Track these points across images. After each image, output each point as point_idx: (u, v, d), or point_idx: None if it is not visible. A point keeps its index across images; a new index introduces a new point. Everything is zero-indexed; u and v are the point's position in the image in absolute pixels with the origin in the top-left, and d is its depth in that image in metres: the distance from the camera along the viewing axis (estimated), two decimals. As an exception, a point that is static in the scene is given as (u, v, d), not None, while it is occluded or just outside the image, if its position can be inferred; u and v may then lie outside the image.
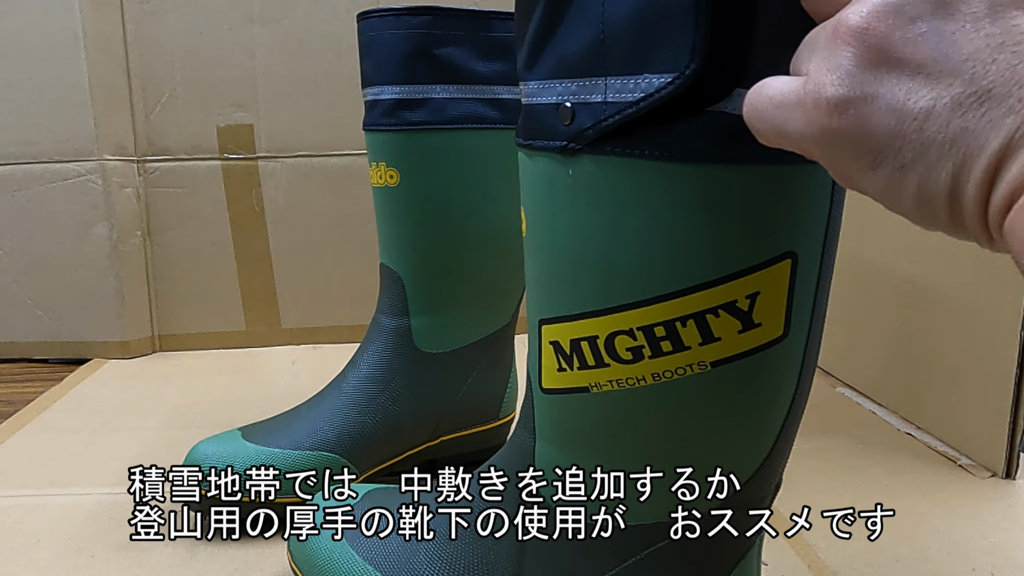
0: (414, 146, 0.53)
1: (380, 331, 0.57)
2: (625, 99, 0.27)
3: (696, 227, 0.28)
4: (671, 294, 0.29)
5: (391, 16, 0.51)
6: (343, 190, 0.94)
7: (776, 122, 0.23)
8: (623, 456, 0.33)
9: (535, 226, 0.33)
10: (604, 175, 0.29)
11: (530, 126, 0.32)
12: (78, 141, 0.90)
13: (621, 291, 0.30)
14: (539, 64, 0.30)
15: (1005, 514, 0.55)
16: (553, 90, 0.30)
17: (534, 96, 0.31)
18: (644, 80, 0.27)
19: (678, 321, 0.29)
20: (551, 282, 0.33)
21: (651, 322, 0.30)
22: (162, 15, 0.90)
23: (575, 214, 0.30)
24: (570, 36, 0.29)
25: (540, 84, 0.30)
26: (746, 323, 0.29)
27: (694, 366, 0.30)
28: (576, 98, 0.29)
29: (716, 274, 0.29)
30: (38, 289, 0.94)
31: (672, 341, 0.30)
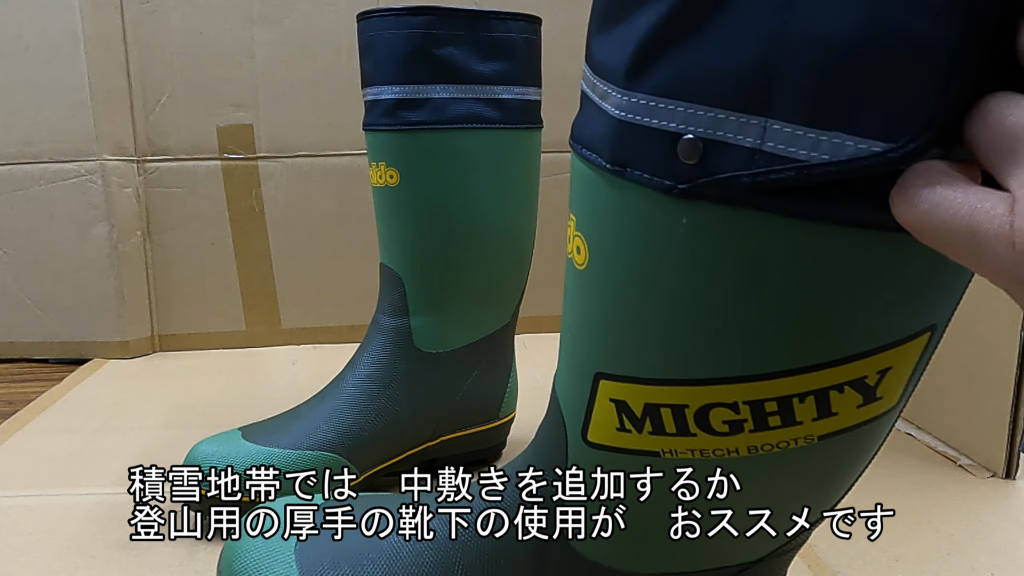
0: (414, 146, 0.53)
1: (380, 331, 0.57)
2: (797, 156, 0.21)
3: (842, 298, 0.23)
4: (796, 370, 0.25)
5: (391, 16, 0.51)
6: (343, 190, 0.94)
7: (958, 244, 0.18)
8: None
9: (606, 265, 0.27)
10: (734, 230, 0.23)
11: (622, 147, 0.25)
12: (78, 141, 0.90)
13: (734, 363, 0.25)
14: (652, 73, 0.23)
15: (1005, 514, 0.55)
16: (672, 114, 0.23)
17: (636, 114, 0.24)
18: (835, 140, 0.20)
19: (796, 397, 0.25)
20: (627, 336, 0.27)
21: (763, 397, 0.25)
22: (162, 15, 0.90)
23: (682, 269, 0.25)
24: (715, 48, 0.21)
25: (650, 101, 0.23)
26: (868, 398, 0.26)
27: (800, 440, 0.26)
28: (710, 133, 0.22)
29: (853, 350, 0.24)
30: (38, 289, 0.94)
31: (783, 416, 0.26)
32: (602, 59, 0.25)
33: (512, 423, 0.65)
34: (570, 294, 0.30)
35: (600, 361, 0.29)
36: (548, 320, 1.02)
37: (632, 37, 0.23)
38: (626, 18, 0.24)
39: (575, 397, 0.31)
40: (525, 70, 0.54)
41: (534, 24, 0.55)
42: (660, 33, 0.23)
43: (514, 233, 0.57)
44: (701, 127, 0.22)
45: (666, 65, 0.23)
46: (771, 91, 0.21)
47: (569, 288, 0.30)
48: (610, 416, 0.29)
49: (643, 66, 0.23)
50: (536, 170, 0.58)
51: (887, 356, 0.25)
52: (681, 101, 0.22)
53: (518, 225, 0.58)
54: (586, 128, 0.27)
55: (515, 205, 0.57)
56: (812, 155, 0.20)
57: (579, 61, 0.86)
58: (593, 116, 0.26)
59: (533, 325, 1.00)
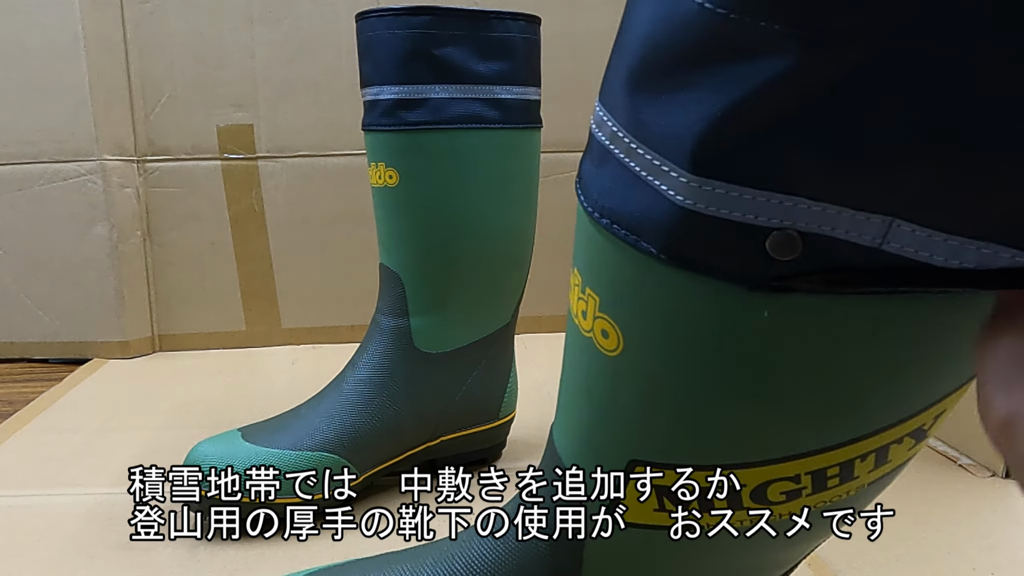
0: (413, 146, 0.53)
1: (380, 331, 0.57)
2: (930, 261, 0.18)
3: (920, 365, 0.22)
4: (865, 435, 0.23)
5: (390, 16, 0.51)
6: (343, 190, 0.94)
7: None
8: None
9: (650, 355, 0.24)
10: (824, 317, 0.21)
11: (686, 239, 0.21)
12: (78, 141, 0.90)
13: (804, 440, 0.24)
14: (739, 159, 0.19)
15: (1005, 514, 0.55)
16: (764, 207, 0.19)
17: (711, 204, 0.19)
18: (984, 251, 0.18)
19: (858, 458, 0.24)
20: (674, 424, 0.25)
21: (827, 465, 0.24)
22: (162, 15, 0.90)
23: (753, 358, 0.22)
24: (836, 133, 0.18)
25: (731, 191, 0.19)
26: (920, 439, 0.25)
27: (852, 490, 0.25)
28: (814, 228, 0.19)
29: (919, 407, 0.23)
30: (38, 289, 0.94)
31: (842, 476, 0.25)
32: (653, 127, 0.20)
33: (512, 423, 0.65)
34: (591, 374, 0.26)
35: (636, 448, 0.26)
36: (548, 320, 1.02)
37: (708, 109, 0.19)
38: (695, 82, 0.19)
39: (598, 481, 0.29)
40: (525, 70, 0.54)
41: (534, 24, 0.55)
42: (755, 110, 0.18)
43: (514, 233, 0.57)
44: (803, 222, 0.19)
45: (760, 151, 0.18)
46: (905, 187, 0.17)
47: (587, 365, 0.26)
48: (648, 500, 0.27)
49: (725, 150, 0.19)
50: (536, 170, 0.58)
51: (945, 403, 0.24)
52: (778, 193, 0.19)
53: (518, 225, 0.57)
54: (619, 200, 0.22)
55: (515, 205, 0.57)
56: (950, 261, 0.18)
57: (579, 61, 0.86)
58: (633, 190, 0.22)
59: (533, 325, 1.00)
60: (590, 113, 0.24)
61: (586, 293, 0.25)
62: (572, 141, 0.96)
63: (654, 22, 0.19)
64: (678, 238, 0.21)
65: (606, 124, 0.23)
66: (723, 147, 0.19)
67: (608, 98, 0.23)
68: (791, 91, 0.17)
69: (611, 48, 0.23)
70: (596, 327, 0.25)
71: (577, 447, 0.30)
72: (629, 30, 0.21)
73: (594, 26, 0.94)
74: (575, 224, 0.27)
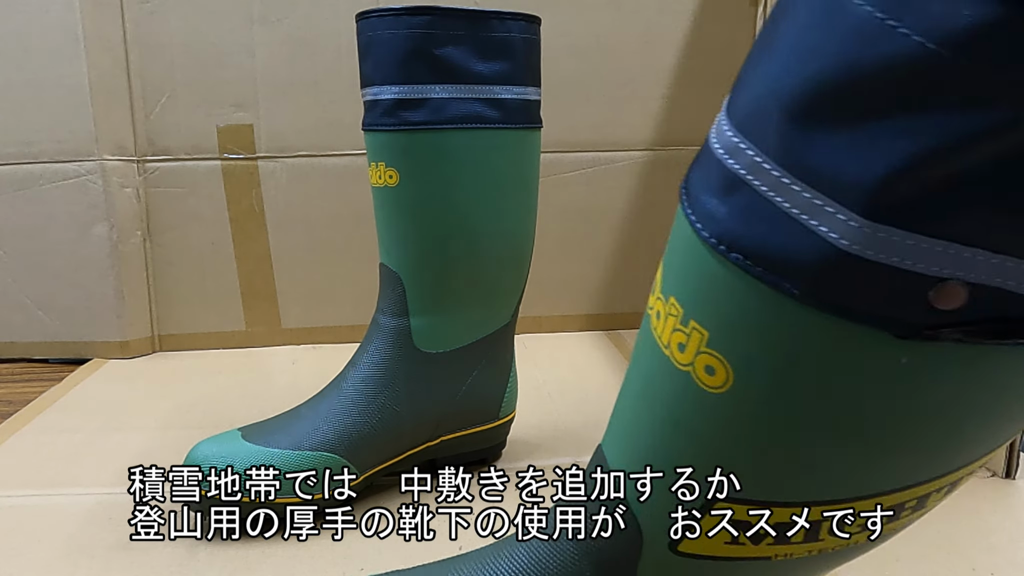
0: (414, 146, 0.53)
1: (380, 331, 0.57)
2: None
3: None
4: (955, 470, 0.24)
5: (390, 16, 0.51)
6: (343, 190, 0.94)
7: None
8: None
9: (764, 393, 0.23)
10: (965, 363, 0.21)
11: (843, 284, 0.20)
12: (78, 141, 0.90)
13: (902, 477, 0.24)
14: (926, 208, 0.18)
15: (1005, 514, 0.55)
16: (938, 257, 0.18)
17: (881, 251, 0.19)
18: None
19: (936, 491, 0.24)
20: (775, 462, 0.24)
21: (909, 498, 0.24)
22: (162, 15, 0.90)
23: (880, 402, 0.22)
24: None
25: (907, 239, 0.18)
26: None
27: (915, 519, 0.26)
28: (985, 279, 0.18)
29: (1010, 436, 0.24)
30: (38, 289, 0.94)
31: (916, 507, 0.25)
32: (821, 166, 0.19)
33: (512, 423, 0.65)
34: (683, 407, 0.25)
35: (724, 484, 0.26)
36: (548, 320, 1.02)
37: (898, 154, 0.17)
38: (888, 125, 0.18)
39: (664, 513, 0.27)
40: (525, 70, 0.54)
41: (534, 24, 0.55)
42: (953, 160, 0.17)
43: (514, 233, 0.57)
44: (975, 273, 0.18)
45: (946, 201, 0.17)
46: None
47: (678, 398, 0.25)
48: (723, 533, 0.26)
49: (909, 197, 0.18)
50: (536, 170, 0.58)
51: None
52: (955, 243, 0.18)
53: (518, 225, 0.57)
54: (755, 236, 0.21)
55: (515, 205, 0.57)
56: None
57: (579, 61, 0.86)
58: (776, 227, 0.20)
59: (533, 325, 1.00)
60: (590, 113, 0.23)
61: (689, 326, 0.24)
62: (572, 141, 0.96)
63: (839, 56, 0.18)
64: (829, 282, 0.20)
65: (742, 152, 0.21)
66: (906, 194, 0.18)
67: (749, 124, 0.21)
68: (999, 145, 0.17)
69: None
70: (699, 362, 0.24)
71: (642, 485, 0.29)
72: (789, 55, 0.20)
73: (594, 26, 0.94)
74: (669, 246, 0.25)
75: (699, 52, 0.96)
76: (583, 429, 0.71)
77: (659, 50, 0.96)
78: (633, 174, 0.98)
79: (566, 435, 0.69)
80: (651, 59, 0.96)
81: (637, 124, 0.97)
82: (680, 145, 0.98)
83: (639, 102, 0.97)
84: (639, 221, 1.00)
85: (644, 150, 0.98)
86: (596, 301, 1.02)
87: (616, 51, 0.95)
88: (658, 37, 0.95)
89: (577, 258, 1.00)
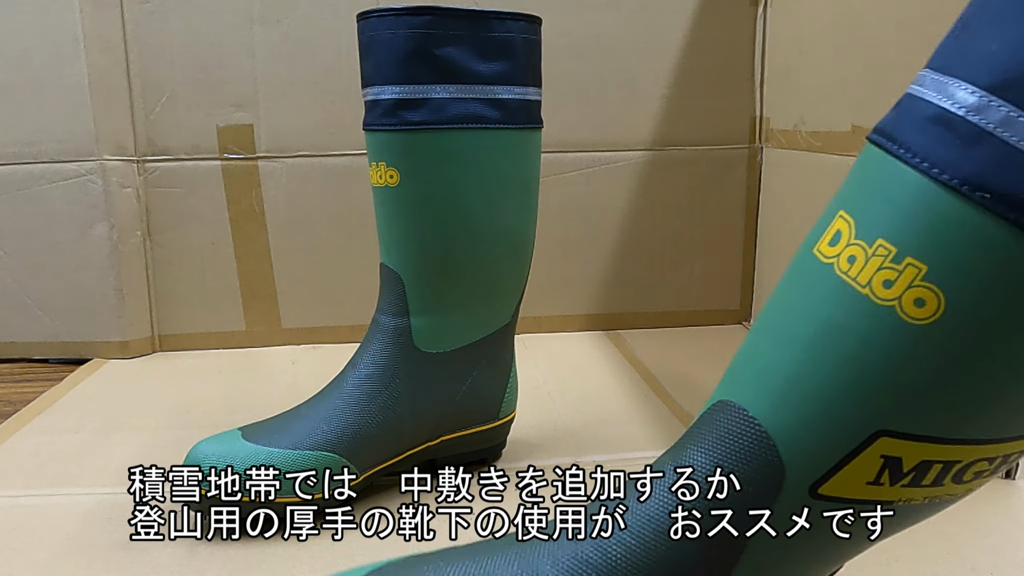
0: (414, 146, 0.53)
1: (380, 331, 0.57)
2: None
3: None
4: None
5: (391, 16, 0.51)
6: (343, 190, 0.94)
7: None
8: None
9: (973, 326, 0.26)
10: None
11: None
12: (78, 141, 0.90)
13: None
14: None
15: (1005, 514, 0.55)
16: None
17: None
18: None
19: None
20: (960, 396, 0.27)
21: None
22: (162, 15, 0.90)
23: None
24: None
25: None
26: None
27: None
28: None
29: None
30: (38, 289, 0.94)
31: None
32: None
33: (512, 423, 0.65)
34: (871, 341, 0.28)
35: (893, 419, 0.28)
36: (548, 320, 1.02)
37: None
38: None
39: (818, 450, 0.29)
40: (525, 70, 0.54)
41: (534, 24, 0.55)
42: None
43: (514, 233, 0.57)
44: None
45: None
46: None
47: (867, 333, 0.28)
48: (869, 471, 0.29)
49: None
50: (536, 170, 0.58)
51: None
52: None
53: (518, 225, 0.58)
54: (1005, 178, 0.25)
55: (515, 205, 0.57)
56: None
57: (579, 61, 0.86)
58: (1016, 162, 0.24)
59: (533, 325, 1.00)
60: (590, 113, 0.23)
61: (903, 263, 0.27)
62: (572, 141, 0.96)
63: None
64: None
65: (994, 109, 0.25)
66: None
67: (1005, 86, 0.25)
68: None
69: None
70: (908, 296, 0.27)
71: (798, 422, 0.30)
72: None
73: (594, 26, 0.94)
74: (864, 199, 0.28)
75: (699, 52, 0.96)
76: (583, 429, 0.71)
77: (659, 50, 0.96)
78: (633, 174, 0.99)
79: (566, 435, 0.69)
80: (651, 59, 0.96)
81: (637, 124, 0.97)
82: (680, 145, 0.98)
83: (639, 102, 0.97)
84: (639, 221, 1.00)
85: (644, 150, 0.98)
86: (596, 301, 1.02)
87: (616, 51, 0.95)
88: (658, 37, 0.95)
89: (577, 258, 1.00)
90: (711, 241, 1.02)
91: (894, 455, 0.28)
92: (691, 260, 1.02)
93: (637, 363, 0.89)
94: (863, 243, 0.28)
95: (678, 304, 1.04)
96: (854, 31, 0.76)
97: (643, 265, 1.01)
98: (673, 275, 1.02)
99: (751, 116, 0.99)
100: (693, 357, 0.92)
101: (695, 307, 1.04)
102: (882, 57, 0.71)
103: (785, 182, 0.95)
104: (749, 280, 1.04)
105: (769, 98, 0.97)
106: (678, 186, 1.00)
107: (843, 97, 0.79)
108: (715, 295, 1.04)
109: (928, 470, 0.28)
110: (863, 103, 0.75)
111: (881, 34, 0.71)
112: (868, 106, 0.74)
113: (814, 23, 0.85)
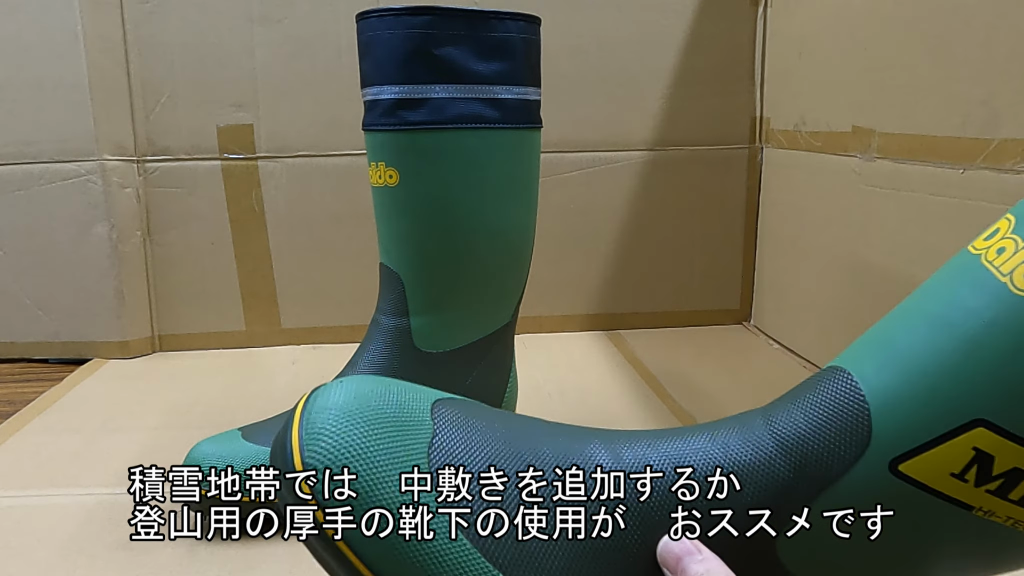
0: (414, 146, 0.53)
1: (380, 331, 0.57)
2: None
3: None
4: None
5: (390, 16, 0.51)
6: (343, 190, 0.94)
7: None
8: None
9: None
10: None
11: None
12: (78, 141, 0.90)
13: None
14: None
15: (1005, 514, 0.55)
16: None
17: None
18: None
19: None
20: None
21: None
22: (162, 15, 0.90)
23: None
24: None
25: None
26: None
27: None
28: None
29: None
30: (38, 289, 0.94)
31: None
32: None
33: (512, 423, 0.65)
34: (994, 327, 0.28)
35: (997, 411, 0.28)
36: (548, 320, 1.02)
37: None
38: None
39: (912, 424, 0.29)
40: (525, 70, 0.54)
41: (534, 24, 0.55)
42: None
43: (514, 233, 0.57)
44: None
45: None
46: None
47: (992, 320, 0.28)
48: (957, 461, 0.28)
49: None
50: (536, 170, 0.58)
51: None
52: None
53: (518, 225, 0.57)
54: None
55: (515, 205, 0.57)
56: None
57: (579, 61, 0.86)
58: None
59: (533, 325, 1.00)
60: (590, 113, 0.23)
61: (1006, 220, 0.28)
62: (572, 141, 0.96)
63: None
64: None
65: None
66: None
67: None
68: None
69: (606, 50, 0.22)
70: (1019, 264, 0.27)
71: (905, 386, 0.30)
72: None
73: (594, 26, 0.94)
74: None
75: (699, 52, 0.96)
76: (583, 429, 0.70)
77: (659, 50, 0.96)
78: (633, 174, 0.99)
79: (566, 435, 0.69)
80: (651, 59, 0.96)
81: (637, 124, 0.97)
82: (680, 145, 0.98)
83: (639, 102, 0.97)
84: (639, 221, 1.00)
85: (644, 150, 0.98)
86: (596, 301, 1.02)
87: (616, 51, 0.95)
88: (658, 37, 0.95)
89: (577, 258, 1.00)
90: (711, 241, 1.02)
91: (987, 451, 0.27)
92: (691, 260, 1.02)
93: (637, 363, 0.89)
94: (1018, 237, 0.29)
95: (678, 304, 1.04)
96: (854, 31, 0.76)
97: (643, 265, 1.01)
98: (673, 275, 1.02)
99: (751, 116, 0.99)
100: (693, 357, 0.92)
101: (695, 307, 1.04)
102: (882, 57, 0.71)
103: (785, 182, 0.95)
104: (749, 280, 1.04)
105: (769, 98, 0.97)
106: (678, 186, 1.00)
107: (843, 97, 0.79)
108: (715, 295, 1.04)
109: (1018, 483, 0.27)
110: (863, 103, 0.75)
111: (881, 34, 0.71)
112: (868, 106, 0.74)
113: (814, 23, 0.85)
